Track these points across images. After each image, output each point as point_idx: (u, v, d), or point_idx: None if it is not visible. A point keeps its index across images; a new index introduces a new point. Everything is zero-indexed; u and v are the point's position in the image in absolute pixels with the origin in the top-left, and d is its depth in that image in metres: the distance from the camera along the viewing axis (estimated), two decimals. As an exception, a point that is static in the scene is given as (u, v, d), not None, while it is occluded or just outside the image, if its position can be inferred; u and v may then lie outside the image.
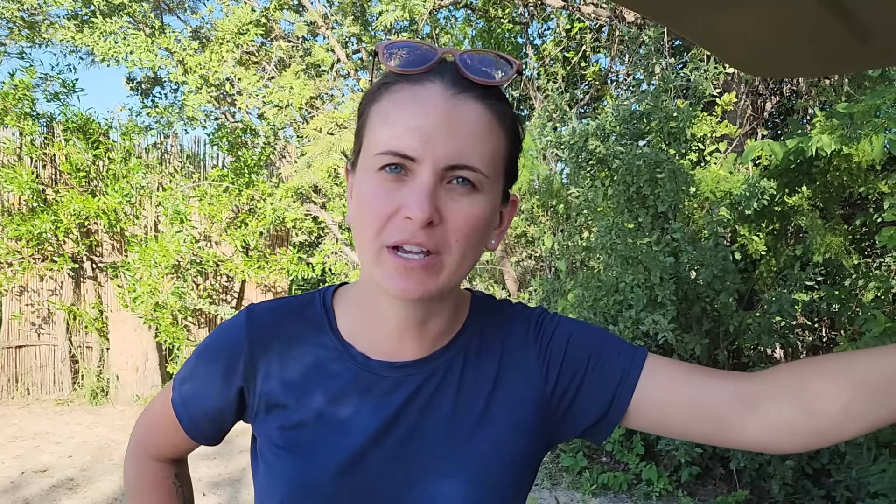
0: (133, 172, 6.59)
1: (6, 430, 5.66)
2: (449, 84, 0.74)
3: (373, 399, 0.85)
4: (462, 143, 0.73)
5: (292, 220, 6.55)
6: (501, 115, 0.77)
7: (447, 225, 0.73)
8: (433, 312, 0.84)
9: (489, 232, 0.80)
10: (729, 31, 1.22)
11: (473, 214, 0.74)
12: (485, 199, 0.76)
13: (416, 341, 0.86)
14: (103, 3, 5.55)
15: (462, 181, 0.73)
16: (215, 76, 5.83)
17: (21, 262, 6.41)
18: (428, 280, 0.74)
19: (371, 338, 0.87)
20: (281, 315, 0.90)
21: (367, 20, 6.81)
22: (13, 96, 6.27)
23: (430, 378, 0.86)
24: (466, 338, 0.89)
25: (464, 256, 0.76)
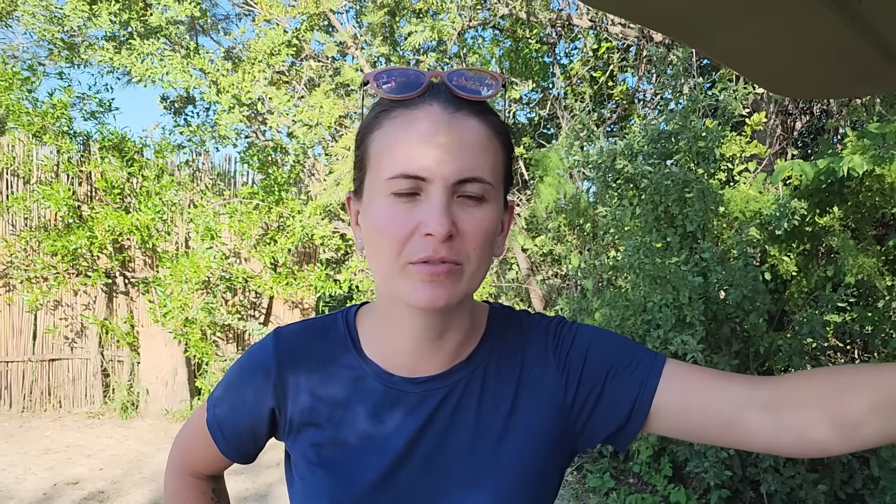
0: (165, 190, 6.72)
1: (39, 441, 5.76)
2: (445, 104, 0.78)
3: (399, 415, 0.88)
4: (467, 158, 0.77)
5: (320, 238, 6.62)
6: (496, 127, 0.82)
7: (464, 237, 0.77)
8: (450, 325, 0.87)
9: (496, 239, 0.83)
10: (757, 53, 1.23)
11: (485, 223, 0.78)
12: (492, 208, 0.80)
13: (435, 355, 0.88)
14: (141, 26, 5.69)
15: (471, 194, 0.77)
16: (247, 96, 5.94)
17: (56, 277, 6.55)
18: (452, 287, 0.77)
19: (392, 354, 0.89)
20: (307, 336, 0.93)
21: (395, 41, 6.90)
22: (52, 115, 6.45)
23: (451, 392, 0.89)
24: (486, 350, 0.92)
25: (480, 264, 0.79)
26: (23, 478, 4.92)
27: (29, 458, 5.32)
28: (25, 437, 5.85)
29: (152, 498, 4.66)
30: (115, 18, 5.55)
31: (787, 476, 3.75)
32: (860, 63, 1.17)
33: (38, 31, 5.85)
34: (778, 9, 1.00)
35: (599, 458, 5.00)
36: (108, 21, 5.46)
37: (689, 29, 1.15)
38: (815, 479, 3.75)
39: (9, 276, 6.55)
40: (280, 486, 4.92)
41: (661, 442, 4.27)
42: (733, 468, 3.95)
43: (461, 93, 0.79)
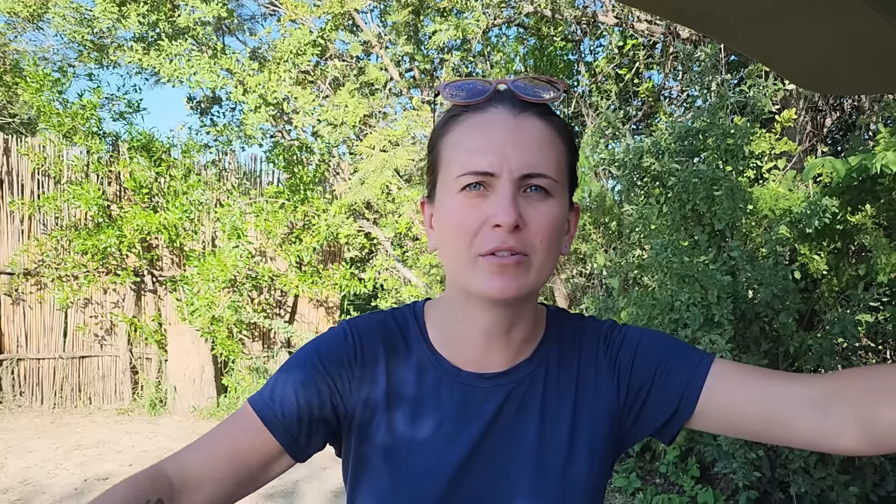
0: (192, 189, 6.80)
1: (70, 437, 5.86)
2: (510, 106, 0.83)
3: (467, 411, 0.90)
4: (532, 154, 0.81)
5: (345, 237, 6.65)
6: (559, 128, 0.85)
7: (530, 228, 0.80)
8: (517, 320, 0.89)
9: (562, 236, 0.86)
10: (788, 48, 1.21)
11: (551, 217, 0.81)
12: (558, 203, 0.83)
13: (502, 350, 0.91)
14: (169, 27, 5.76)
15: (536, 188, 0.81)
16: (273, 95, 5.98)
17: (86, 276, 6.65)
18: (521, 278, 0.80)
19: (460, 349, 0.92)
20: (378, 329, 0.94)
21: (420, 40, 6.90)
22: (81, 116, 6.54)
23: (517, 388, 0.91)
24: (546, 349, 0.94)
25: (547, 257, 0.82)
26: (54, 473, 5.01)
27: (60, 454, 5.41)
28: (57, 434, 5.95)
29: (180, 494, 4.71)
30: (143, 20, 5.62)
31: (818, 478, 3.69)
32: (893, 58, 1.14)
33: (68, 32, 5.94)
34: (810, 3, 0.98)
35: (626, 458, 4.96)
36: (136, 22, 5.53)
37: (719, 24, 1.14)
38: (846, 481, 3.68)
39: (40, 274, 6.66)
40: (306, 483, 4.95)
41: (689, 442, 4.22)
42: (762, 469, 3.90)
43: (525, 96, 0.84)
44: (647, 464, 4.87)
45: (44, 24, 6.43)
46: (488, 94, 0.84)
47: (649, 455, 4.86)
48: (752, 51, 1.27)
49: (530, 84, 0.85)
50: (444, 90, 0.86)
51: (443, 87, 0.86)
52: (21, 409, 6.66)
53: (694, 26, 1.24)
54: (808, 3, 0.99)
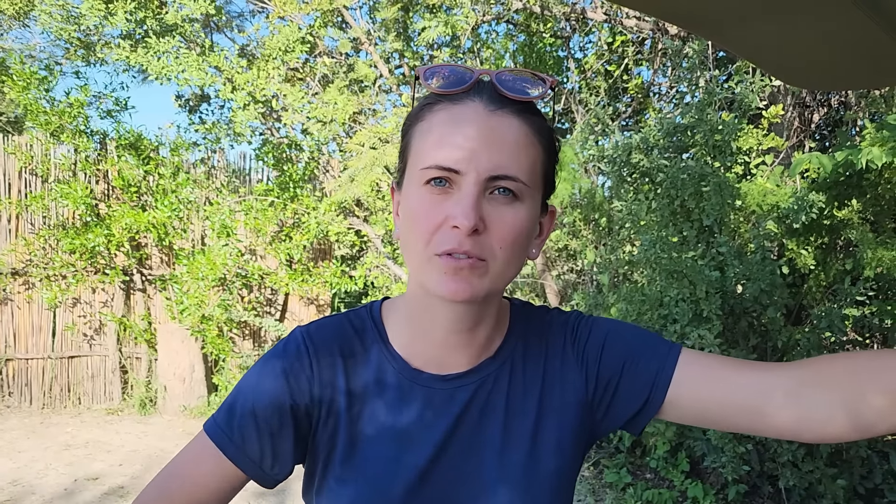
0: (181, 187, 6.76)
1: (59, 437, 5.83)
2: (487, 101, 0.79)
3: (430, 414, 0.87)
4: (503, 155, 0.77)
5: (335, 234, 6.65)
6: (538, 129, 0.81)
7: (491, 233, 0.77)
8: (480, 319, 0.87)
9: (530, 241, 0.83)
10: (774, 45, 1.22)
11: (516, 222, 0.78)
12: (525, 208, 0.79)
13: (464, 350, 0.88)
14: (156, 24, 5.72)
15: (504, 191, 0.77)
16: (262, 93, 5.96)
17: (75, 275, 6.61)
18: (475, 281, 0.77)
19: (420, 349, 0.89)
20: (333, 332, 0.91)
21: (409, 36, 6.89)
22: (69, 114, 6.49)
23: (480, 388, 0.89)
24: (511, 346, 0.92)
25: (508, 263, 0.79)
26: (44, 473, 4.98)
27: (50, 454, 5.38)
28: (46, 434, 5.92)
29: (171, 493, 4.70)
30: (130, 17, 5.59)
31: (806, 471, 3.73)
32: (880, 54, 1.15)
33: (54, 30, 5.91)
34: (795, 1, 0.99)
35: (616, 454, 4.98)
36: (123, 19, 5.50)
37: (706, 22, 1.14)
38: (833, 474, 3.72)
39: (28, 274, 6.62)
40: (298, 482, 4.94)
41: (679, 437, 4.25)
42: (751, 463, 3.93)
43: (506, 91, 0.80)
44: (638, 459, 4.90)
45: (30, 21, 6.38)
46: (467, 84, 0.80)
47: (639, 450, 4.89)
48: (739, 48, 1.28)
49: (517, 77, 0.81)
50: (423, 74, 0.82)
51: (423, 70, 0.82)
52: (10, 409, 6.62)
53: (681, 24, 1.25)
54: (793, 2, 0.99)
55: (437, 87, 0.81)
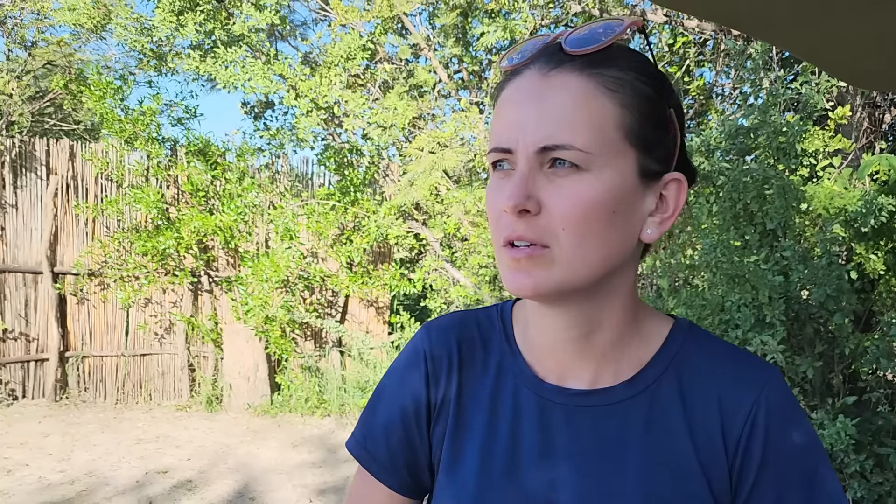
0: (247, 192, 6.98)
1: (132, 432, 6.08)
2: (543, 64, 0.69)
3: (546, 428, 0.76)
4: (553, 122, 0.66)
5: (395, 237, 6.75)
6: (609, 79, 0.67)
7: (550, 213, 0.66)
8: (591, 322, 0.74)
9: (623, 218, 0.69)
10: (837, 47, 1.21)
11: (581, 196, 0.66)
12: (597, 178, 0.66)
13: (581, 360, 0.76)
14: (224, 34, 5.93)
15: (561, 163, 0.66)
16: (324, 99, 6.11)
17: (147, 276, 6.89)
18: (538, 272, 0.68)
19: (539, 356, 0.79)
20: (454, 330, 0.85)
21: (468, 41, 6.95)
22: (142, 122, 6.78)
23: (608, 418, 0.75)
24: (655, 374, 0.75)
25: (580, 246, 0.67)
26: (117, 466, 5.21)
27: (123, 448, 5.62)
28: (119, 428, 6.18)
29: (236, 488, 4.86)
30: (200, 28, 5.81)
31: (875, 482, 3.61)
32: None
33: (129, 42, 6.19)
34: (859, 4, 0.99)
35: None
36: (193, 31, 5.73)
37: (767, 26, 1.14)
38: (906, 487, 3.59)
39: (103, 275, 6.93)
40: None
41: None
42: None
43: (566, 47, 0.68)
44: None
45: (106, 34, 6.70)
46: (529, 55, 0.71)
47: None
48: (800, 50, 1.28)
49: (590, 29, 0.69)
50: (501, 57, 0.75)
51: (503, 53, 0.75)
52: (86, 404, 6.94)
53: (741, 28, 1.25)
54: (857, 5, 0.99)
55: (505, 65, 0.73)
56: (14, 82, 7.01)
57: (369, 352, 7.18)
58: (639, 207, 0.70)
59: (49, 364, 6.85)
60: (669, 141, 0.72)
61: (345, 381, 7.03)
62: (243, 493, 4.79)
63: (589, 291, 0.71)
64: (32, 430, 5.96)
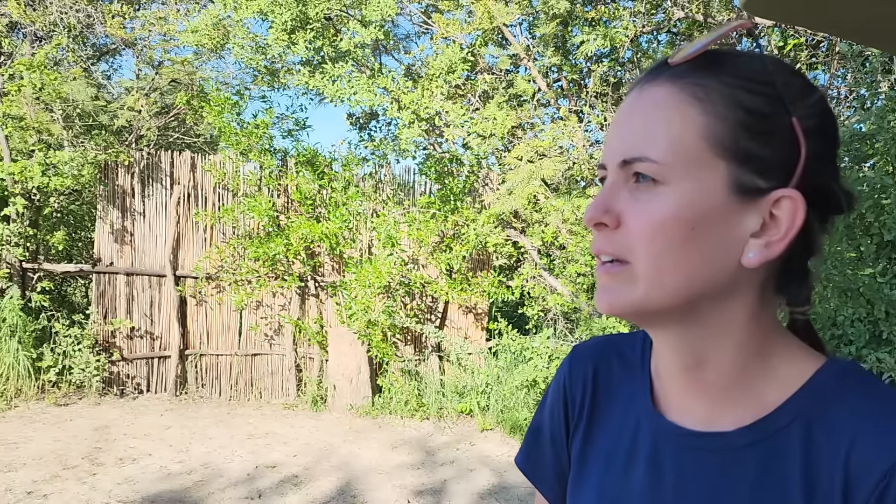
0: (351, 200, 7.24)
1: (243, 427, 6.43)
2: (643, 81, 0.67)
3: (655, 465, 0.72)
4: (633, 135, 0.65)
5: (493, 245, 6.83)
6: (697, 87, 0.63)
7: (628, 227, 0.64)
8: (695, 358, 0.68)
9: (714, 237, 0.63)
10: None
11: (655, 212, 0.63)
12: (674, 192, 0.62)
13: (695, 396, 0.70)
14: (331, 51, 6.21)
15: (643, 177, 0.64)
16: (426, 111, 6.28)
17: (258, 280, 7.27)
18: (617, 289, 0.66)
19: (661, 386, 0.75)
20: (593, 354, 0.84)
21: (567, 50, 6.95)
22: (256, 135, 7.18)
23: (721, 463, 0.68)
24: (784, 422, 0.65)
25: (654, 265, 0.63)
26: (230, 459, 5.53)
27: (235, 442, 5.96)
28: (232, 423, 6.55)
29: (339, 485, 5.06)
30: (309, 45, 6.11)
31: None
32: None
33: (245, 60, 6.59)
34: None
35: None
36: (304, 48, 6.03)
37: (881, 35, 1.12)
38: None
39: (219, 278, 7.37)
40: (454, 482, 5.14)
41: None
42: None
43: (672, 59, 0.66)
44: None
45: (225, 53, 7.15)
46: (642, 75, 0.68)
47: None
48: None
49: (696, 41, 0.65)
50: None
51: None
52: (202, 399, 7.39)
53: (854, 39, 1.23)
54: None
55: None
56: (143, 100, 7.60)
57: (467, 357, 7.29)
58: (734, 226, 0.63)
59: (170, 361, 7.35)
60: (783, 154, 0.62)
61: (443, 386, 7.17)
62: (345, 490, 4.98)
63: (682, 319, 0.66)
64: (155, 423, 6.40)
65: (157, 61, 8.56)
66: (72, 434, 5.90)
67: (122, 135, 8.27)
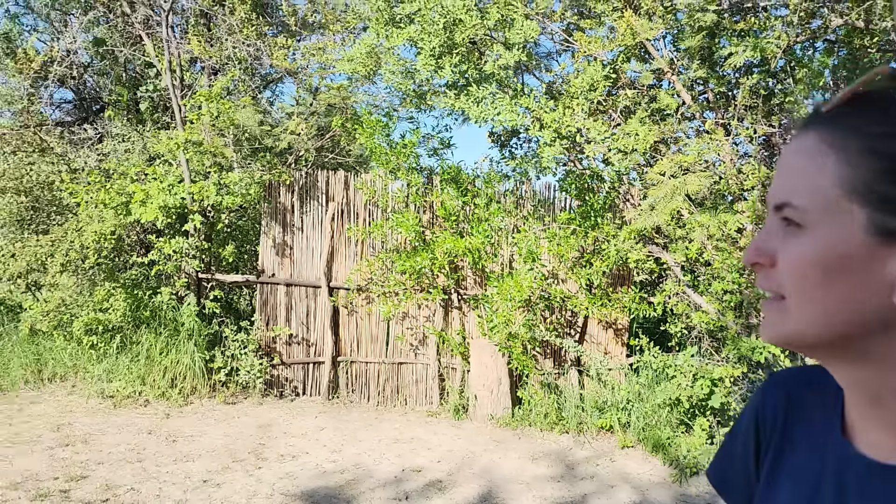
0: (493, 216, 7.46)
1: (390, 432, 6.78)
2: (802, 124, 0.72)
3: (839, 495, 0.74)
4: (784, 179, 0.70)
5: (634, 261, 6.78)
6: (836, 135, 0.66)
7: (780, 267, 0.70)
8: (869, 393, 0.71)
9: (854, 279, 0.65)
10: None
11: (796, 254, 0.68)
12: (811, 237, 0.67)
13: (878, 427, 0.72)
14: (476, 73, 6.47)
15: (788, 220, 0.69)
16: (566, 129, 6.37)
17: (405, 293, 7.65)
18: (775, 319, 0.71)
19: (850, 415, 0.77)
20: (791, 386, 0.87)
21: (714, 61, 6.81)
22: (404, 154, 7.58)
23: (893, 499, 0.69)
24: None
25: (799, 304, 0.68)
26: (378, 461, 5.87)
27: (383, 445, 6.31)
28: (379, 427, 6.92)
29: (481, 493, 5.24)
30: (455, 69, 6.39)
31: None
32: None
33: (395, 84, 6.99)
34: None
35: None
36: (450, 72, 6.32)
37: None
38: None
39: (369, 290, 7.83)
40: (594, 498, 5.18)
41: None
42: None
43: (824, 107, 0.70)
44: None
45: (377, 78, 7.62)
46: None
47: None
48: None
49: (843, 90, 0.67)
50: None
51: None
52: (352, 403, 7.85)
53: None
54: None
55: None
56: (303, 124, 8.24)
57: (607, 373, 7.27)
58: (877, 267, 0.64)
59: (324, 367, 7.88)
60: None
61: (583, 400, 7.19)
62: (487, 498, 5.16)
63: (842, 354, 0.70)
64: (310, 424, 6.90)
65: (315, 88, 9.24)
66: (239, 430, 6.50)
67: (283, 156, 9.00)
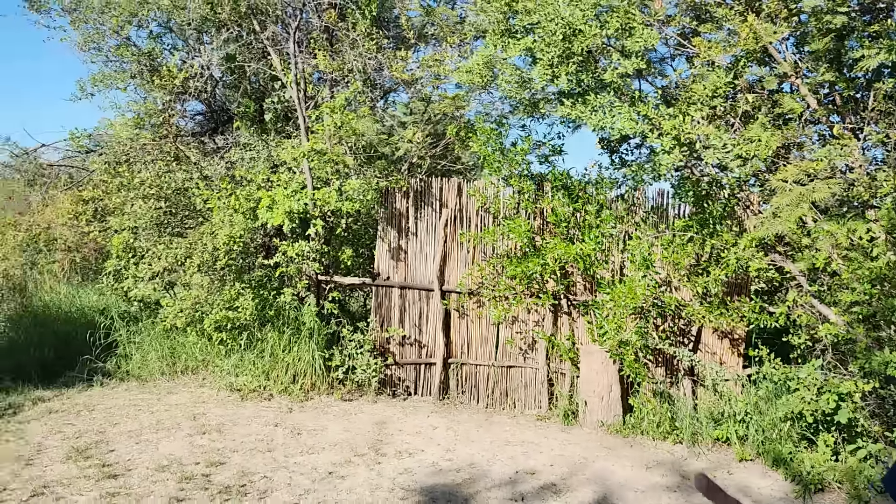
0: (605, 223, 7.46)
1: (501, 434, 6.90)
2: None
3: None
4: None
5: (755, 270, 6.61)
6: None
7: None
8: None
9: None
10: None
11: None
12: None
13: None
14: (593, 81, 6.50)
15: None
16: (686, 136, 6.30)
17: (515, 297, 7.76)
18: None
19: None
20: None
21: (843, 64, 6.56)
22: (515, 162, 7.70)
23: None
24: None
25: None
26: (492, 462, 6.00)
27: (495, 447, 6.43)
28: (490, 429, 7.06)
29: (596, 498, 5.29)
30: (571, 78, 6.45)
31: None
32: None
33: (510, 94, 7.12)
34: None
35: None
36: (565, 81, 6.38)
37: None
38: None
39: (480, 294, 7.98)
40: None
41: None
42: None
43: None
44: None
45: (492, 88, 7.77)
46: None
47: None
48: None
49: None
50: None
51: None
52: (462, 405, 8.03)
53: None
54: None
55: None
56: (419, 132, 8.50)
57: (723, 383, 7.12)
58: None
59: (435, 367, 8.10)
60: None
61: (697, 411, 7.07)
62: (601, 502, 5.19)
63: None
64: (423, 423, 7.11)
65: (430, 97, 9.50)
66: (357, 426, 6.79)
67: (399, 163, 9.31)
